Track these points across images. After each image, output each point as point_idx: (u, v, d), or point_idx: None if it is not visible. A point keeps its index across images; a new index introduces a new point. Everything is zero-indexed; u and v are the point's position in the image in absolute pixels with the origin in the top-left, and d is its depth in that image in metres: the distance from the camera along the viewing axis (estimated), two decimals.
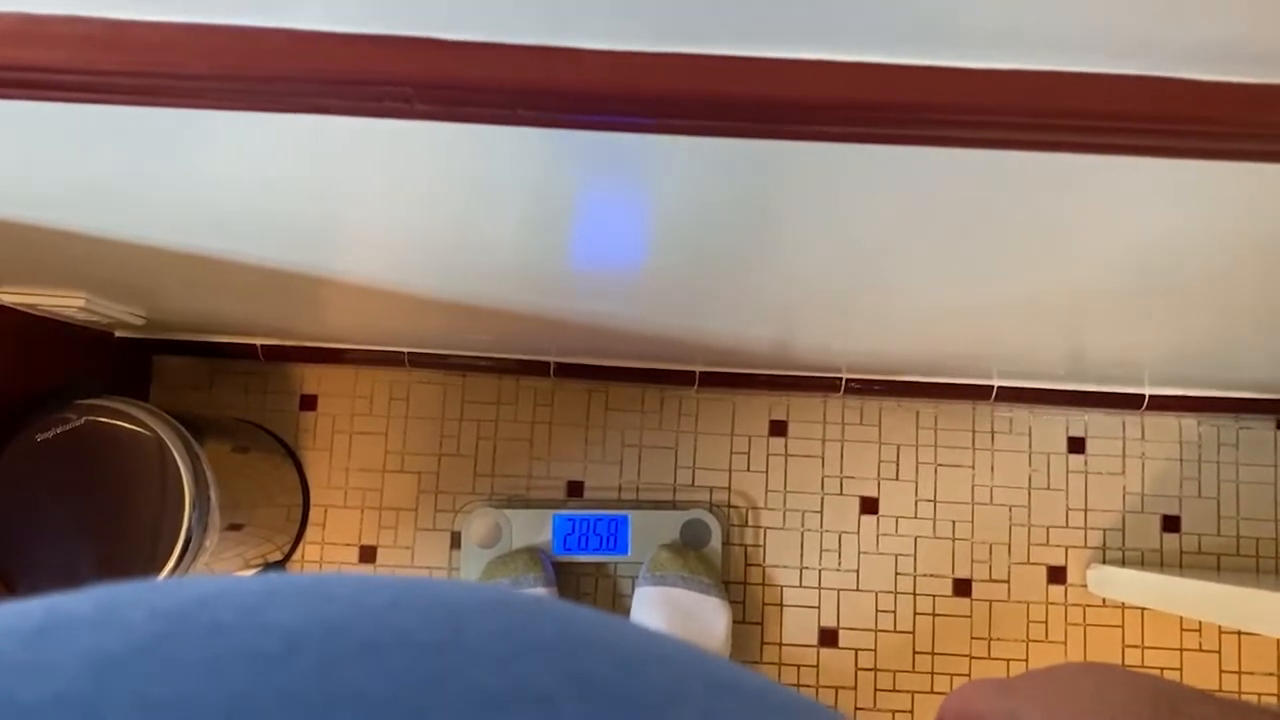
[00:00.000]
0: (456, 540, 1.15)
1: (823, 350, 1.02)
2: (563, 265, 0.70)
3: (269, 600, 0.18)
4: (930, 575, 1.14)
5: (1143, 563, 1.14)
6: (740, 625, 1.13)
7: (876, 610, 1.14)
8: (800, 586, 1.14)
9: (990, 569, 1.14)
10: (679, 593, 1.04)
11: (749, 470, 1.16)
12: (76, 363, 1.04)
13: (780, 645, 1.13)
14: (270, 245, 0.66)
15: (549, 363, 1.14)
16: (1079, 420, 1.16)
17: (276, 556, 1.14)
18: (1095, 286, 0.67)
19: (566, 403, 1.17)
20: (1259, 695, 1.11)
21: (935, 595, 1.14)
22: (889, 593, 1.14)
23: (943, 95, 0.34)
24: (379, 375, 1.18)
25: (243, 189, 0.53)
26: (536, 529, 1.12)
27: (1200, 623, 1.12)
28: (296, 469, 1.16)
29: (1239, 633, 1.12)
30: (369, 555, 1.16)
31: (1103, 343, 0.91)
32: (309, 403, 1.18)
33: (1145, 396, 1.11)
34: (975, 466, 1.16)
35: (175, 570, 0.86)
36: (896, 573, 1.15)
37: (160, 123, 0.42)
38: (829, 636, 1.14)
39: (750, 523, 1.15)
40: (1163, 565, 1.14)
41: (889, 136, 0.36)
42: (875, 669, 1.13)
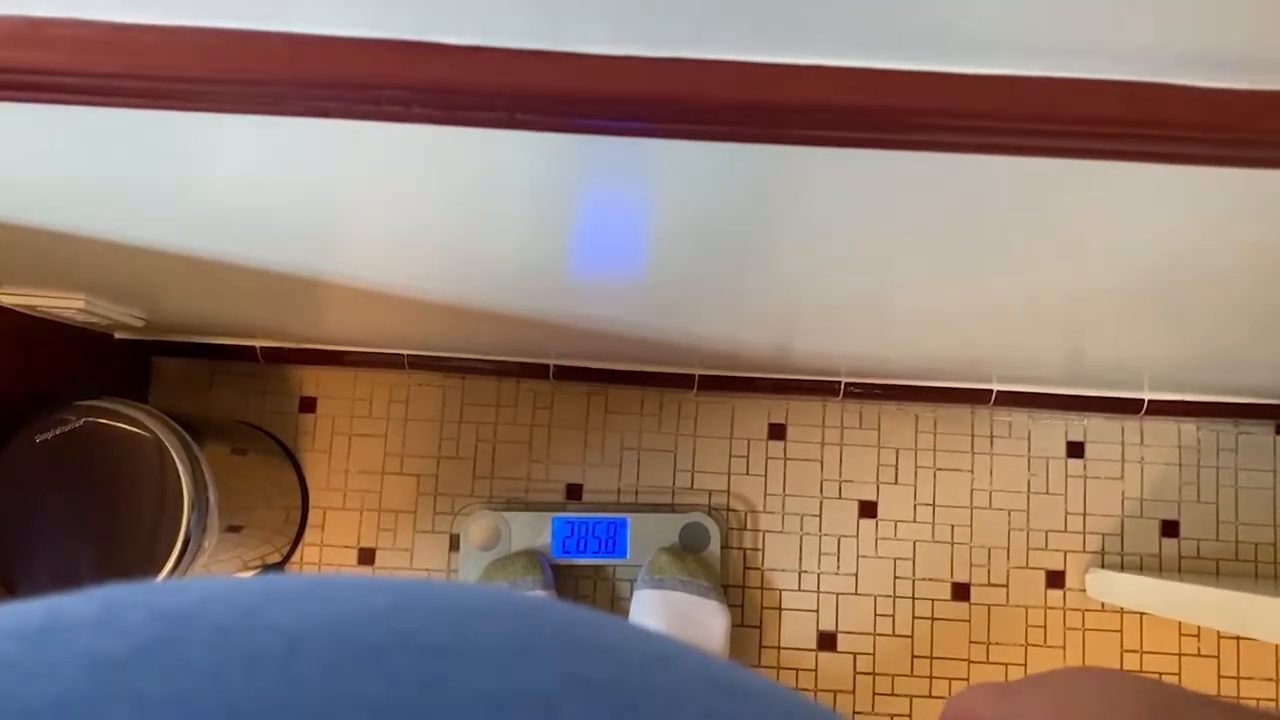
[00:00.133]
0: (455, 543, 1.15)
1: (822, 354, 1.02)
2: (563, 268, 0.70)
3: (269, 602, 0.18)
4: (929, 579, 1.14)
5: (1141, 568, 1.14)
6: (739, 628, 1.13)
7: (875, 614, 1.14)
8: (799, 590, 1.14)
9: (989, 573, 1.14)
10: (678, 596, 1.04)
11: (748, 473, 1.16)
12: (76, 364, 1.04)
13: (779, 649, 1.13)
14: (270, 248, 0.66)
15: (548, 365, 1.14)
16: (1078, 425, 1.16)
17: (275, 558, 1.14)
18: (1094, 290, 0.67)
19: (566, 405, 1.18)
20: (1258, 700, 1.11)
21: (934, 599, 1.14)
22: (888, 596, 1.14)
23: (938, 101, 0.35)
24: (378, 377, 1.18)
25: (242, 191, 0.53)
26: (535, 531, 1.12)
27: (1199, 628, 1.12)
28: (295, 471, 1.16)
29: (1238, 638, 1.12)
30: (368, 557, 1.16)
31: (1102, 347, 0.91)
32: (308, 405, 1.18)
33: (1144, 401, 1.11)
34: (974, 471, 1.16)
35: (174, 572, 0.86)
36: (895, 576, 1.15)
37: (160, 125, 0.42)
38: (827, 640, 1.14)
39: (749, 526, 1.15)
40: (1162, 570, 1.14)
41: (884, 141, 0.36)
42: (874, 673, 1.13)
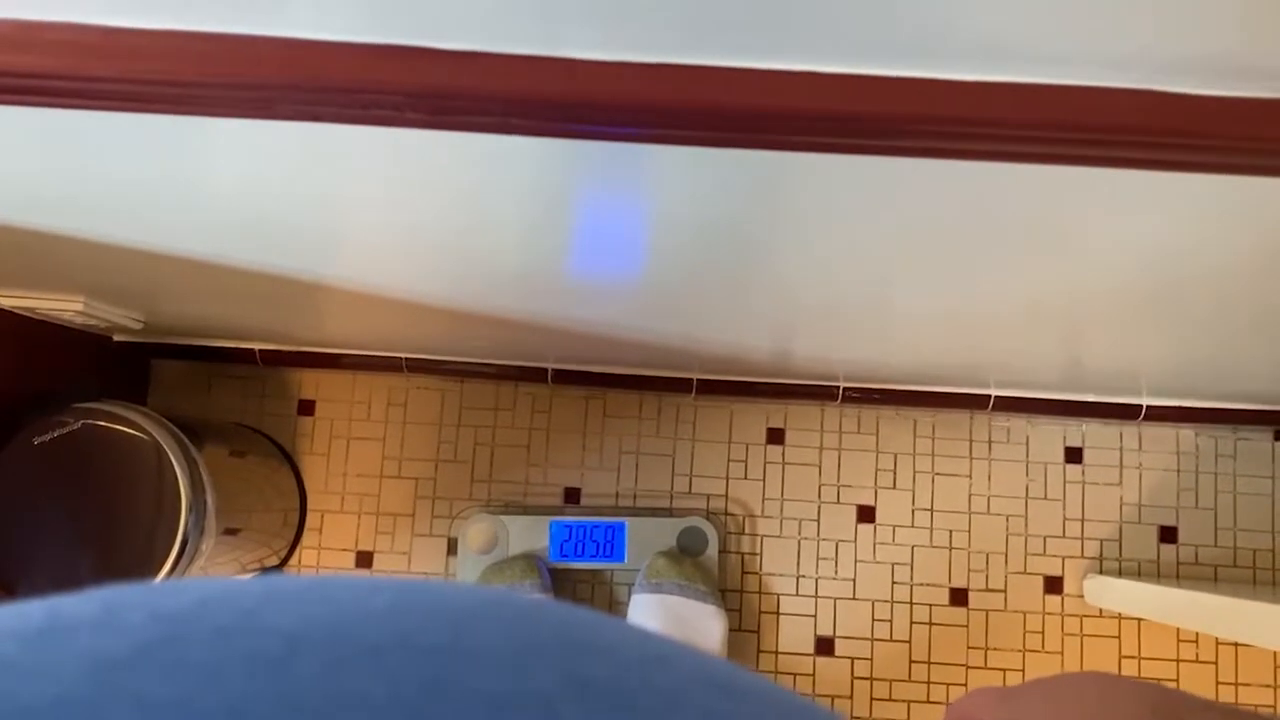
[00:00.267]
0: (453, 546, 1.15)
1: (820, 359, 1.02)
2: (561, 272, 0.70)
3: (269, 603, 0.18)
4: (927, 584, 1.14)
5: (1140, 573, 1.14)
6: (736, 633, 1.13)
7: (873, 619, 1.14)
8: (797, 595, 1.14)
9: (987, 579, 1.14)
10: (675, 600, 1.04)
11: (746, 478, 1.16)
12: (75, 366, 1.04)
13: (776, 654, 1.13)
14: (268, 251, 0.66)
15: (547, 369, 1.14)
16: (1076, 430, 1.16)
17: (273, 561, 1.14)
18: (1093, 295, 0.67)
19: (564, 409, 1.18)
20: (1256, 707, 1.11)
21: (932, 604, 1.14)
22: (885, 602, 1.14)
23: (935, 107, 0.35)
24: (377, 381, 1.18)
25: (241, 194, 0.53)
26: (533, 535, 1.12)
27: (1197, 634, 1.12)
28: (294, 474, 1.17)
29: (1236, 644, 1.12)
30: (365, 560, 1.16)
31: (1100, 352, 0.91)
32: (307, 408, 1.18)
33: (1143, 407, 1.11)
34: (972, 476, 1.16)
35: (171, 574, 0.86)
36: (893, 582, 1.14)
37: (157, 129, 0.42)
38: (825, 645, 1.13)
39: (747, 530, 1.15)
40: (1160, 576, 1.14)
41: (880, 148, 0.37)
42: (871, 678, 1.13)
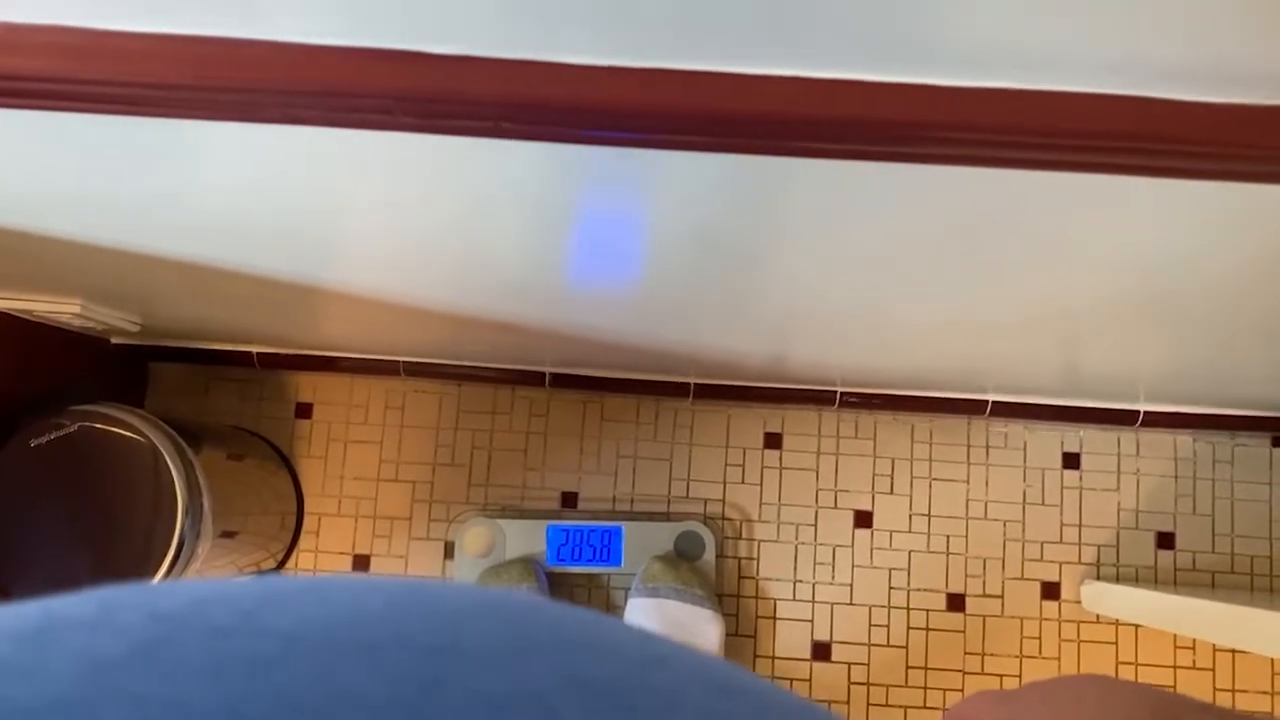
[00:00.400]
0: (450, 550, 1.14)
1: (818, 364, 1.02)
2: (559, 276, 0.70)
3: (266, 603, 0.18)
4: (924, 590, 1.14)
5: (1137, 579, 1.14)
6: (733, 638, 1.12)
7: (870, 624, 1.14)
8: (793, 600, 1.14)
9: (984, 584, 1.14)
10: (672, 604, 1.04)
11: (743, 483, 1.16)
12: (72, 369, 1.04)
13: (773, 658, 1.13)
14: (265, 254, 0.66)
15: (544, 373, 1.14)
16: (1074, 436, 1.16)
17: (270, 564, 1.14)
18: (1091, 300, 0.67)
19: (561, 413, 1.18)
20: (1253, 713, 1.10)
21: (929, 610, 1.14)
22: (882, 607, 1.14)
23: (931, 113, 0.35)
24: (374, 384, 1.18)
25: (236, 197, 0.53)
26: (530, 539, 1.11)
27: (1194, 640, 1.12)
28: (291, 477, 1.16)
29: (1233, 651, 1.11)
30: (362, 564, 1.16)
31: (1098, 357, 0.91)
32: (304, 410, 1.18)
33: (1140, 413, 1.11)
34: (970, 481, 1.16)
35: (167, 577, 0.86)
36: (890, 587, 1.14)
37: (150, 132, 0.42)
38: (822, 650, 1.13)
39: (744, 535, 1.15)
40: (1157, 582, 1.14)
41: (872, 153, 0.37)
42: (868, 683, 1.13)
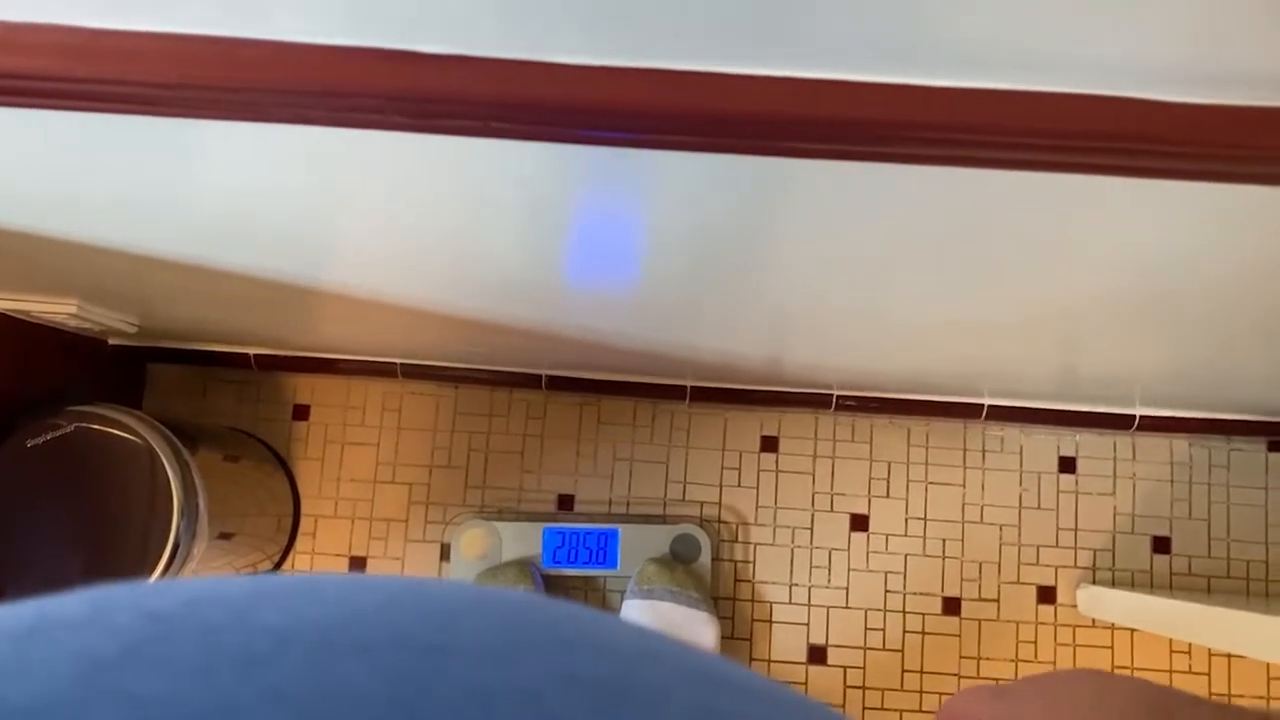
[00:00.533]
0: (446, 552, 1.15)
1: (814, 367, 1.03)
2: (556, 278, 0.70)
3: (259, 601, 0.18)
4: (920, 593, 1.14)
5: (1133, 584, 1.14)
6: (729, 641, 1.12)
7: (865, 628, 1.14)
8: (789, 603, 1.14)
9: (980, 588, 1.14)
10: (667, 606, 1.04)
11: (739, 486, 1.16)
12: (69, 370, 1.04)
13: (769, 662, 1.13)
14: (262, 254, 0.66)
15: (541, 375, 1.14)
16: (1070, 440, 1.16)
17: (266, 566, 1.14)
18: (1087, 303, 0.67)
19: (558, 416, 1.18)
20: None
21: (925, 614, 1.14)
22: (878, 610, 1.14)
23: (922, 114, 0.35)
24: (371, 386, 1.18)
25: (233, 198, 0.53)
26: (527, 542, 1.12)
27: (1190, 645, 1.12)
28: (288, 478, 1.17)
29: (1229, 655, 1.11)
30: (359, 566, 1.16)
31: (1094, 360, 0.91)
32: (301, 412, 1.18)
33: (1136, 417, 1.11)
34: (966, 485, 1.16)
35: (163, 578, 0.86)
36: (886, 590, 1.14)
37: (147, 131, 0.42)
38: (818, 654, 1.13)
39: (740, 538, 1.15)
40: (1153, 586, 1.14)
41: (861, 154, 0.37)
42: (864, 687, 1.13)
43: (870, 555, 1.15)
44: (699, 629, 1.04)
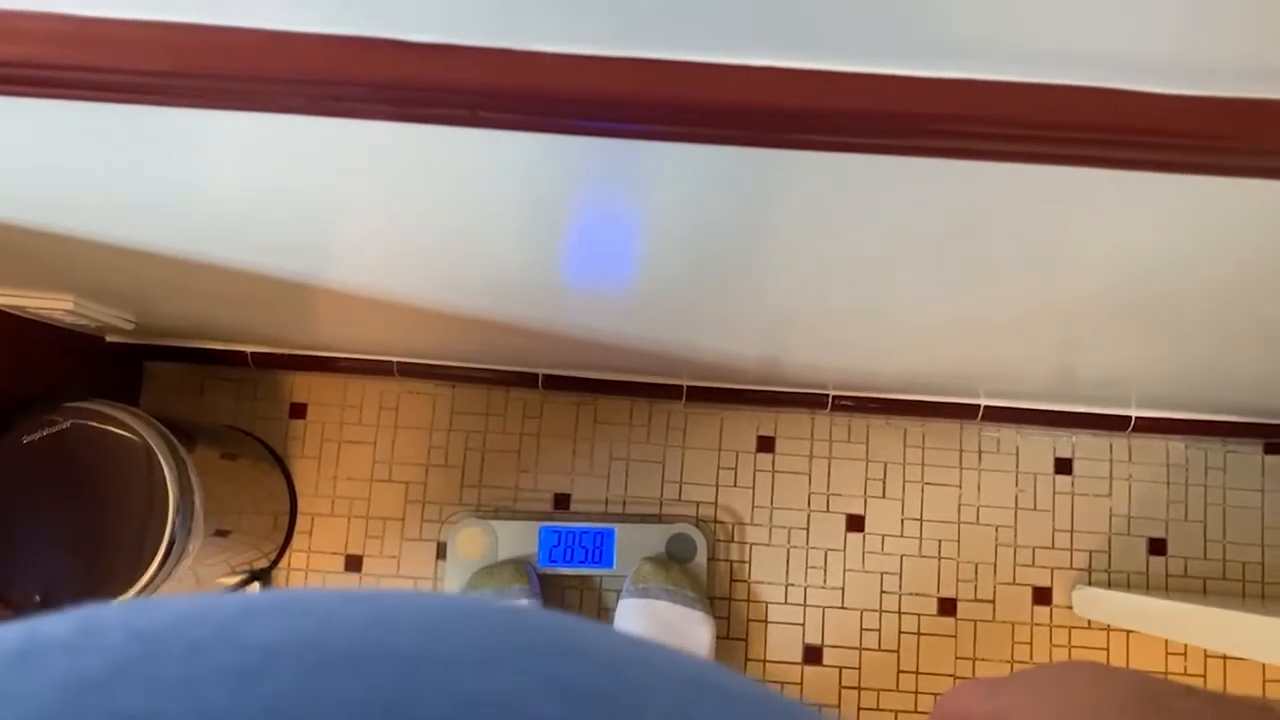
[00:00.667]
0: (442, 551, 1.15)
1: (811, 366, 1.03)
2: (553, 275, 0.70)
3: (246, 618, 0.18)
4: (916, 594, 1.14)
5: (1128, 585, 1.14)
6: (724, 641, 1.12)
7: (861, 628, 1.14)
8: (785, 603, 1.14)
9: (976, 589, 1.14)
10: (662, 605, 1.04)
11: (736, 486, 1.16)
12: (66, 367, 1.04)
13: (764, 662, 1.13)
14: (258, 249, 0.66)
15: (537, 374, 1.14)
16: (1066, 441, 1.16)
17: (263, 564, 1.14)
18: (1085, 301, 0.67)
19: (555, 415, 1.18)
20: None
21: (920, 614, 1.14)
22: (874, 611, 1.14)
23: (907, 104, 0.35)
24: (368, 384, 1.18)
25: (228, 191, 0.53)
26: (523, 540, 1.12)
27: (1185, 647, 1.12)
28: (284, 477, 1.17)
29: (1224, 657, 1.11)
30: (355, 564, 1.16)
31: (1090, 360, 0.91)
32: (298, 411, 1.18)
33: (1132, 418, 1.11)
34: (962, 486, 1.16)
35: (158, 574, 0.86)
36: (882, 591, 1.14)
37: (140, 122, 0.42)
38: (813, 654, 1.13)
39: (736, 538, 1.15)
40: (1149, 588, 1.14)
41: (854, 145, 0.37)
42: (859, 687, 1.13)
43: (866, 556, 1.15)
44: (694, 628, 1.04)
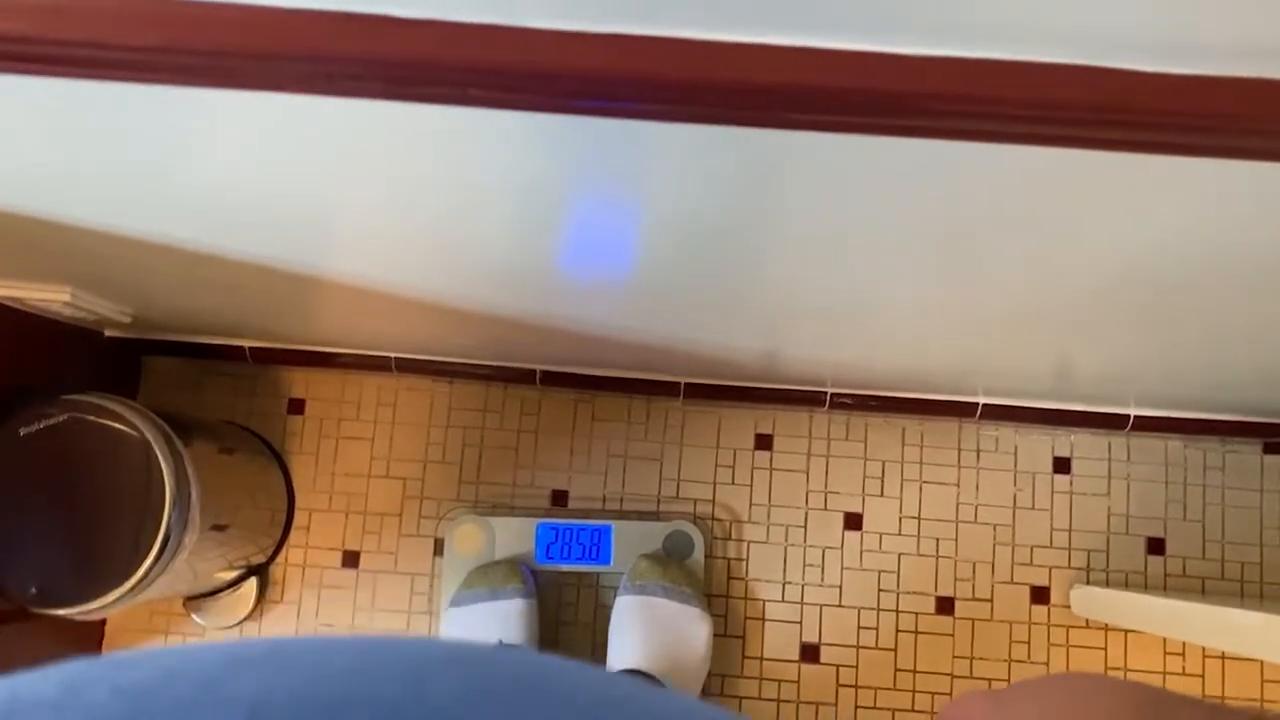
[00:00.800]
0: (440, 547, 1.15)
1: (809, 362, 1.02)
2: (549, 265, 0.70)
3: (231, 672, 0.18)
4: (913, 593, 1.14)
5: (1127, 585, 1.14)
6: (721, 638, 1.12)
7: (858, 627, 1.13)
8: (782, 601, 1.14)
9: (973, 587, 1.14)
10: (660, 602, 1.04)
11: (733, 483, 1.16)
12: (64, 361, 1.04)
13: (761, 660, 1.13)
14: (252, 238, 0.66)
15: (535, 371, 1.14)
16: (1064, 440, 1.16)
17: (260, 559, 1.14)
18: (1085, 292, 0.67)
19: (553, 412, 1.18)
20: None
21: (918, 613, 1.14)
22: (871, 609, 1.14)
23: (904, 83, 0.35)
24: (367, 381, 1.18)
25: (217, 174, 0.53)
26: (520, 537, 1.12)
27: (1184, 647, 1.12)
28: (282, 472, 1.17)
29: (1222, 657, 1.11)
30: (352, 560, 1.16)
31: (1089, 357, 0.91)
32: (296, 406, 1.18)
33: (1130, 417, 1.11)
34: (960, 484, 1.16)
35: (154, 567, 0.86)
36: (879, 589, 1.14)
37: (132, 101, 0.42)
38: (810, 652, 1.13)
39: (733, 536, 1.15)
40: (1147, 588, 1.13)
41: (829, 124, 0.37)
42: (856, 686, 1.12)
43: (864, 554, 1.15)
44: (691, 625, 1.04)
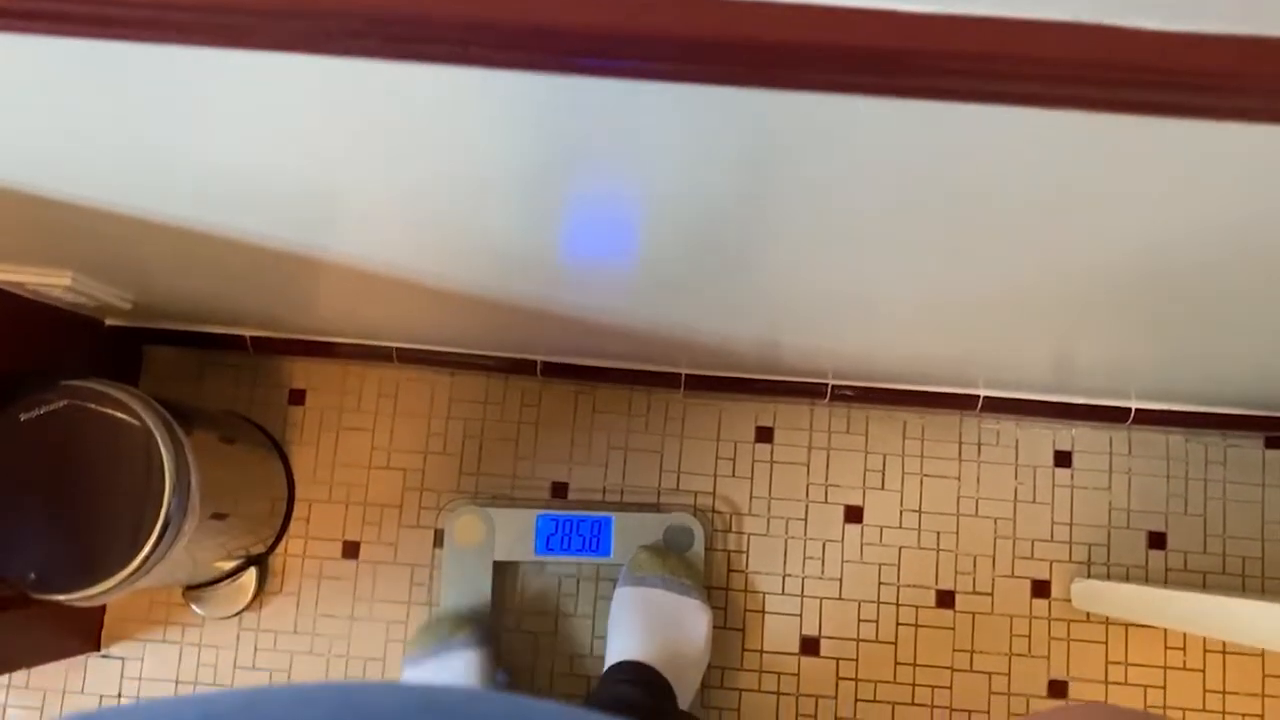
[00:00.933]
0: (440, 538, 1.14)
1: (810, 353, 1.02)
2: (551, 249, 0.70)
3: None
4: (913, 586, 1.14)
5: (1128, 579, 1.13)
6: (721, 631, 1.12)
7: (859, 620, 1.13)
8: (782, 594, 1.14)
9: (974, 581, 1.14)
10: (659, 594, 1.04)
11: (734, 476, 1.16)
12: (65, 348, 1.04)
13: (761, 652, 1.13)
14: (255, 218, 0.66)
15: (536, 362, 1.14)
16: (1065, 434, 1.16)
17: (260, 549, 1.14)
18: (1083, 282, 0.67)
19: (553, 403, 1.18)
20: (1243, 715, 1.10)
21: (918, 606, 1.13)
22: (872, 602, 1.14)
23: (899, 40, 0.35)
24: (368, 371, 1.18)
25: (222, 147, 0.53)
26: (520, 529, 1.11)
27: (1185, 640, 1.11)
28: (282, 462, 1.17)
29: (1223, 651, 1.11)
30: (352, 551, 1.15)
31: (1090, 347, 0.91)
32: (297, 397, 1.18)
33: (1132, 410, 1.11)
34: (961, 478, 1.16)
35: (153, 554, 0.86)
36: (879, 582, 1.14)
37: (134, 65, 0.42)
38: (810, 645, 1.13)
39: (734, 528, 1.15)
40: (1148, 582, 1.13)
41: (844, 85, 0.37)
42: (856, 679, 1.12)
43: (864, 547, 1.15)
44: (691, 616, 1.04)
